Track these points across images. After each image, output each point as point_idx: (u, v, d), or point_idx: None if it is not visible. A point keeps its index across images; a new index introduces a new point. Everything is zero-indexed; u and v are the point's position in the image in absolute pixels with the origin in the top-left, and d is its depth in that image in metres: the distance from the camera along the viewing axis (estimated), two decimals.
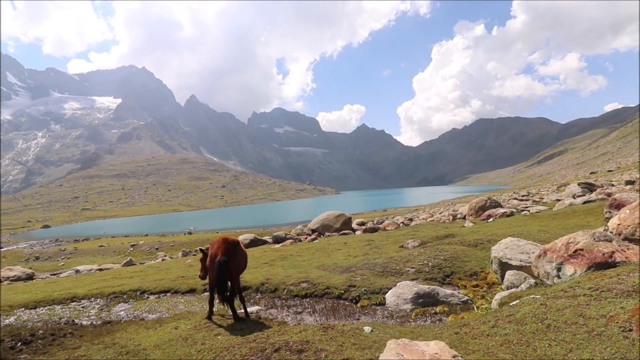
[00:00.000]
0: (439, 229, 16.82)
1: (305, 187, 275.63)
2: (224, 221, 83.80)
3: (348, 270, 10.08)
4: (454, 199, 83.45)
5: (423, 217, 29.66)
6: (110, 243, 50.49)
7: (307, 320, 7.45)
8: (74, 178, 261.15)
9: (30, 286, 14.87)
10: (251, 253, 16.97)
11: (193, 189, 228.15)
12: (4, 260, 44.27)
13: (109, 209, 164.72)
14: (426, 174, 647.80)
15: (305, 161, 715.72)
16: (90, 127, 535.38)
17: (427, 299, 7.57)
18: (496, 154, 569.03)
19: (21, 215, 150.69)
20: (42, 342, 7.11)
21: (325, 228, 22.57)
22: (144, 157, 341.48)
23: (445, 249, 10.65)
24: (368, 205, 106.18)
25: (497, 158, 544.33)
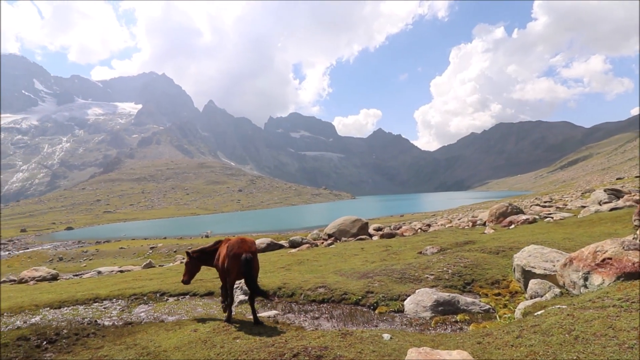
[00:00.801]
0: (458, 235, 16.52)
1: (321, 191, 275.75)
2: (240, 225, 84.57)
3: (365, 276, 9.99)
4: (473, 204, 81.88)
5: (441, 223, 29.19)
6: (130, 245, 51.62)
7: (324, 325, 7.41)
8: (96, 181, 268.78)
9: (54, 286, 15.33)
10: (267, 257, 17.07)
11: (210, 192, 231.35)
12: (30, 261, 45.82)
13: (129, 212, 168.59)
14: (444, 179, 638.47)
15: (321, 166, 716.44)
16: (112, 132, 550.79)
17: (447, 307, 7.42)
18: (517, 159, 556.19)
19: (46, 217, 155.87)
20: (67, 342, 7.30)
21: (341, 233, 22.48)
22: (163, 162, 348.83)
23: (465, 255, 10.43)
24: (384, 211, 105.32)
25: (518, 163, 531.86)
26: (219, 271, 7.76)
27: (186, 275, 8.10)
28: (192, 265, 8.11)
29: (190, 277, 8.11)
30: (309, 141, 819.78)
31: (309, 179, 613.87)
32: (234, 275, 7.18)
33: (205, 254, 8.09)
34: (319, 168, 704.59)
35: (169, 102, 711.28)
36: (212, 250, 8.08)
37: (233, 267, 7.08)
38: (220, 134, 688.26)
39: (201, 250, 8.11)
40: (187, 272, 8.12)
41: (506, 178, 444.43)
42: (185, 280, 8.10)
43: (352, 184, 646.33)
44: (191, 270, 8.11)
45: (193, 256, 8.08)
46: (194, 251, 8.16)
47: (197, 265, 8.17)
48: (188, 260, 8.13)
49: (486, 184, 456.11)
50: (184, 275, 8.16)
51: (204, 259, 8.12)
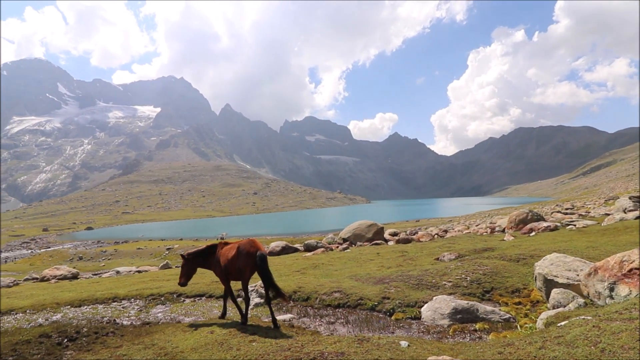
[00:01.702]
0: (477, 241, 16.20)
1: (335, 195, 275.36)
2: (255, 228, 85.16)
3: (381, 281, 9.89)
4: (491, 210, 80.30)
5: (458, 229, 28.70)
6: (147, 246, 52.56)
7: (340, 330, 7.36)
8: (116, 183, 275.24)
9: (75, 285, 15.70)
10: (282, 260, 17.09)
11: (226, 195, 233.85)
12: (51, 259, 47.14)
13: (147, 213, 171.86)
14: (461, 184, 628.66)
15: (336, 169, 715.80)
16: (131, 134, 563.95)
17: (465, 315, 7.27)
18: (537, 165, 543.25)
19: (67, 217, 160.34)
20: (87, 340, 7.46)
21: (356, 237, 22.35)
22: (181, 164, 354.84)
23: (484, 263, 10.21)
24: (400, 215, 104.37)
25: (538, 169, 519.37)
26: (220, 274, 7.98)
27: (183, 277, 8.17)
28: (189, 267, 8.22)
29: (187, 279, 8.19)
30: (324, 145, 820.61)
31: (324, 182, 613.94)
32: (248, 273, 7.44)
33: (200, 257, 8.26)
34: (334, 172, 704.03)
35: (186, 106, 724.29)
36: (206, 253, 8.26)
37: (247, 265, 7.32)
38: (236, 137, 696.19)
39: (196, 253, 8.27)
40: (184, 274, 8.19)
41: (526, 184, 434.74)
42: (182, 283, 8.15)
43: (367, 188, 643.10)
44: (187, 272, 8.19)
45: (188, 258, 8.21)
46: (189, 253, 8.29)
47: (193, 267, 8.28)
48: (184, 263, 8.24)
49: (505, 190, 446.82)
50: (180, 277, 8.20)
51: (199, 261, 8.28)
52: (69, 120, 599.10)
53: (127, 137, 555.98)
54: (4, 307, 10.46)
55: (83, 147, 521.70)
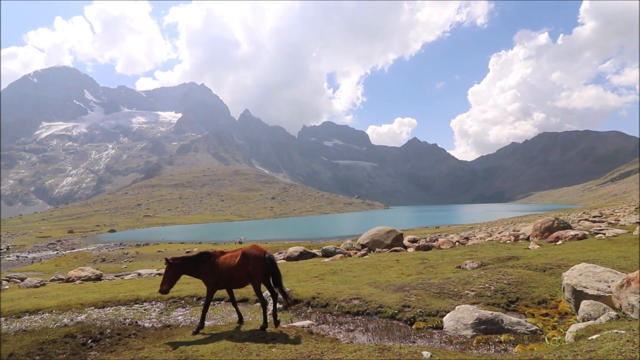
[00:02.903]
0: (500, 250, 15.75)
1: (353, 200, 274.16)
2: (272, 232, 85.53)
3: (401, 289, 9.72)
4: (514, 217, 78.08)
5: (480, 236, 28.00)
6: (167, 249, 53.47)
7: (359, 339, 7.25)
8: (138, 187, 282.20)
9: (98, 286, 16.09)
10: (301, 266, 17.06)
11: (244, 199, 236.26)
12: (75, 261, 48.50)
13: (167, 217, 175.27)
14: (482, 190, 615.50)
15: (354, 174, 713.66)
16: (153, 139, 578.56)
17: (490, 325, 7.04)
18: (562, 171, 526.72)
19: (91, 220, 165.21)
20: (110, 341, 7.62)
21: (375, 244, 22.11)
22: (200, 169, 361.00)
23: (508, 272, 9.89)
24: (419, 222, 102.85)
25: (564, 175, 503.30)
26: (215, 282, 7.79)
27: (166, 284, 7.63)
28: (173, 273, 7.73)
29: (170, 285, 7.68)
30: (342, 150, 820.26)
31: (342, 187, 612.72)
32: (260, 277, 7.56)
33: (187, 263, 7.85)
34: (352, 177, 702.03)
35: (207, 111, 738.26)
36: (196, 261, 7.90)
37: (257, 269, 7.47)
38: (254, 142, 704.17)
39: (183, 259, 7.87)
40: (167, 280, 7.66)
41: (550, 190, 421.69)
42: (165, 290, 7.59)
43: (386, 194, 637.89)
44: (171, 278, 7.70)
45: (174, 264, 7.76)
46: (174, 258, 7.83)
47: (178, 273, 7.80)
48: (168, 268, 7.71)
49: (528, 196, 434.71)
50: (162, 283, 7.63)
51: (185, 268, 7.85)
52: (94, 125, 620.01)
53: (150, 142, 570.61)
54: (32, 306, 10.81)
55: (107, 151, 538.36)
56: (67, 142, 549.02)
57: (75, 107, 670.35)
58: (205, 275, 7.86)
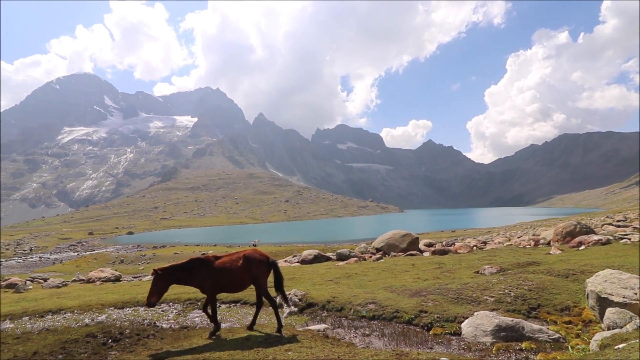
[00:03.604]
0: (520, 255, 15.39)
1: (367, 204, 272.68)
2: (286, 235, 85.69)
3: (418, 294, 9.58)
4: (533, 222, 76.21)
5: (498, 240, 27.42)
6: (183, 251, 54.18)
7: (375, 344, 7.17)
8: (155, 190, 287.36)
9: (118, 287, 16.41)
10: (315, 269, 17.02)
11: (258, 202, 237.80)
12: (95, 262, 49.65)
13: (184, 219, 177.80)
14: (500, 193, 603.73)
15: (368, 177, 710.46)
16: (170, 143, 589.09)
17: (510, 332, 6.87)
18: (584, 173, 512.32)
19: (110, 222, 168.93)
20: (129, 341, 7.75)
21: (390, 247, 21.89)
22: (215, 172, 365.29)
23: (529, 278, 9.65)
24: (435, 225, 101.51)
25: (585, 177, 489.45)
26: (212, 288, 7.58)
27: (155, 296, 7.14)
28: (163, 283, 7.30)
29: (159, 297, 7.26)
30: (356, 153, 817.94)
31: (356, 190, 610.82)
32: (265, 281, 7.76)
33: (180, 272, 7.49)
34: (366, 180, 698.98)
35: (222, 115, 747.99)
36: (187, 268, 7.54)
37: (261, 273, 7.66)
38: (269, 146, 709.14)
39: (172, 268, 7.46)
40: (157, 292, 7.18)
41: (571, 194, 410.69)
42: (153, 302, 7.14)
43: (400, 197, 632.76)
44: (161, 289, 7.26)
45: (163, 274, 7.31)
46: (163, 268, 7.41)
47: (168, 283, 7.40)
48: (156, 279, 7.23)
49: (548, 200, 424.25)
50: (150, 295, 7.11)
51: (178, 277, 7.49)
52: (113, 130, 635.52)
53: (166, 146, 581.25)
54: (55, 306, 11.09)
55: (126, 155, 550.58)
56: (88, 146, 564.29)
57: (96, 113, 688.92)
58: (200, 282, 7.54)
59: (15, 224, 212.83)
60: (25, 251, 71.13)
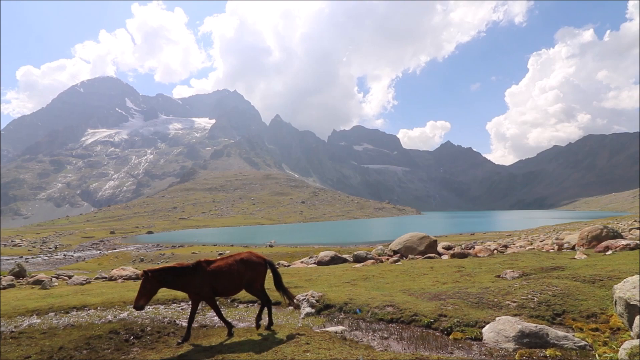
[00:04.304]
0: (543, 259, 14.95)
1: (384, 205, 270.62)
2: (302, 236, 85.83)
3: (437, 297, 9.43)
4: (557, 225, 73.93)
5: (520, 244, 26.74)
6: (201, 250, 54.93)
7: (394, 347, 7.09)
8: (174, 190, 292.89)
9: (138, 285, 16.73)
10: (332, 271, 16.98)
11: (275, 203, 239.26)
12: (116, 260, 50.88)
13: (201, 219, 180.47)
14: (521, 196, 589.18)
15: (384, 179, 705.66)
16: (189, 145, 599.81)
17: (533, 339, 6.67)
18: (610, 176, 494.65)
19: (131, 222, 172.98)
20: (150, 338, 7.92)
21: (408, 250, 21.65)
22: (233, 173, 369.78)
23: (553, 283, 9.36)
24: (453, 228, 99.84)
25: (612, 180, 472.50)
26: (208, 292, 7.38)
27: (143, 299, 6.79)
28: (151, 286, 6.98)
29: (147, 300, 6.93)
30: (373, 154, 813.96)
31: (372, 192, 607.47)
32: (263, 280, 7.94)
33: (170, 275, 7.18)
34: (383, 181, 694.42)
35: (239, 117, 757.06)
36: (179, 271, 7.27)
37: (260, 275, 7.81)
38: (285, 147, 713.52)
39: (163, 270, 7.17)
40: (145, 295, 6.86)
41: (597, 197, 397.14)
42: (141, 305, 6.76)
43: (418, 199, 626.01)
44: (149, 292, 6.96)
45: (154, 276, 7.02)
46: (154, 270, 7.10)
47: (156, 286, 7.09)
48: (145, 281, 6.92)
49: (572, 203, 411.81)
50: (139, 298, 6.77)
51: (168, 281, 7.17)
52: (134, 132, 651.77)
53: (185, 147, 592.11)
54: (79, 303, 11.41)
55: (146, 156, 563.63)
56: (110, 147, 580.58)
57: (118, 115, 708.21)
58: (192, 287, 7.29)
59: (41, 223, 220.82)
60: (50, 249, 73.58)
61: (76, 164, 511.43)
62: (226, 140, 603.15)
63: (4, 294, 16.81)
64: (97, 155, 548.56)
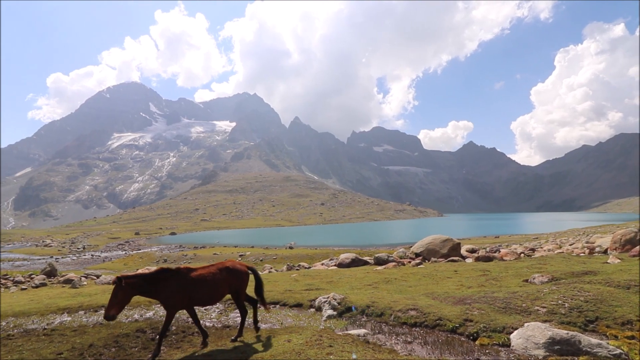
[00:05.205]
0: (573, 263, 14.40)
1: (405, 207, 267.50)
2: (322, 238, 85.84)
3: (462, 302, 9.21)
4: (587, 228, 71.12)
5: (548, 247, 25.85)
6: (222, 252, 55.75)
7: (418, 351, 6.96)
8: (196, 192, 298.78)
9: None
10: (353, 273, 16.88)
11: (294, 205, 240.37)
12: (141, 260, 52.30)
13: (222, 221, 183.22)
14: (549, 197, 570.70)
15: (405, 181, 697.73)
16: (210, 147, 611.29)
17: (565, 346, 6.40)
18: None
19: (155, 223, 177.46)
20: (175, 338, 8.08)
21: (430, 253, 21.28)
22: (253, 175, 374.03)
23: (585, 288, 8.98)
24: (476, 230, 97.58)
25: None
26: (188, 300, 7.04)
27: (114, 308, 6.26)
28: (124, 294, 6.44)
29: (119, 309, 6.42)
30: (393, 155, 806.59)
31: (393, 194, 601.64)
32: (245, 286, 7.95)
33: (143, 282, 6.71)
34: (403, 183, 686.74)
35: (259, 120, 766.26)
36: (155, 279, 6.81)
37: (243, 284, 7.83)
38: (304, 149, 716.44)
39: (138, 277, 6.72)
40: (118, 303, 6.32)
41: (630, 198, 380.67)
42: (112, 315, 6.23)
43: (439, 201, 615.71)
44: (122, 301, 6.41)
45: (127, 284, 6.51)
46: (128, 277, 6.60)
47: (130, 294, 6.55)
48: (117, 289, 6.37)
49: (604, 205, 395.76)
50: (110, 307, 6.24)
51: (141, 288, 6.69)
52: (158, 135, 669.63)
53: (206, 150, 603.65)
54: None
55: (169, 159, 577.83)
56: (135, 151, 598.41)
57: (142, 119, 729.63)
58: (168, 295, 6.83)
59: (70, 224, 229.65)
60: (79, 249, 76.42)
61: (103, 167, 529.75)
62: (246, 142, 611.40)
63: (37, 292, 17.55)
64: (122, 158, 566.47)
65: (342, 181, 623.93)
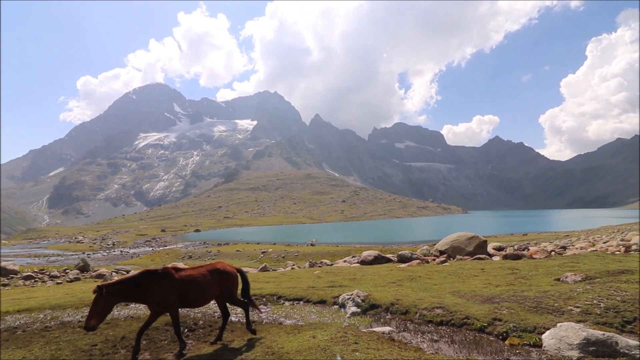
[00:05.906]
0: (608, 262, 13.78)
1: (428, 204, 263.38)
2: (343, 236, 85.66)
3: (490, 300, 8.98)
4: (621, 225, 67.91)
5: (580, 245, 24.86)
6: (244, 248, 56.61)
7: (445, 350, 6.84)
8: (219, 190, 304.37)
9: None
10: (376, 270, 16.78)
11: (315, 202, 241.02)
12: (167, 257, 53.79)
13: (245, 218, 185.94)
14: (580, 193, 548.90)
15: (428, 177, 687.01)
16: (232, 146, 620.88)
17: (601, 347, 6.14)
18: None
19: (180, 220, 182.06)
20: (203, 332, 8.29)
21: (455, 250, 20.87)
22: (274, 173, 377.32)
23: (622, 288, 8.59)
24: (503, 228, 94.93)
25: None
26: (174, 302, 6.76)
27: (94, 318, 5.86)
28: (107, 303, 6.04)
29: (100, 320, 6.01)
30: (415, 151, 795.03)
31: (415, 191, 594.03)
32: (236, 290, 7.86)
33: (127, 287, 6.32)
34: (426, 179, 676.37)
35: (280, 118, 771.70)
36: (139, 282, 6.46)
37: (233, 285, 7.74)
38: (325, 146, 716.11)
39: (120, 282, 6.30)
40: (98, 313, 5.92)
41: None
42: (93, 326, 5.83)
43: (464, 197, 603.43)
44: (103, 310, 6.01)
45: (108, 293, 6.04)
46: (108, 284, 6.13)
47: (112, 302, 6.16)
48: (98, 299, 5.95)
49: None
50: (90, 317, 5.84)
51: (124, 293, 6.31)
52: (182, 135, 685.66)
53: (229, 148, 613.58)
54: None
55: (193, 158, 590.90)
56: (160, 150, 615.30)
57: (166, 119, 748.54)
58: (159, 294, 6.54)
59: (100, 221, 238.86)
60: (109, 245, 79.39)
61: (130, 166, 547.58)
62: (267, 140, 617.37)
63: (71, 286, 18.34)
64: (148, 157, 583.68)
65: (364, 178, 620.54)
